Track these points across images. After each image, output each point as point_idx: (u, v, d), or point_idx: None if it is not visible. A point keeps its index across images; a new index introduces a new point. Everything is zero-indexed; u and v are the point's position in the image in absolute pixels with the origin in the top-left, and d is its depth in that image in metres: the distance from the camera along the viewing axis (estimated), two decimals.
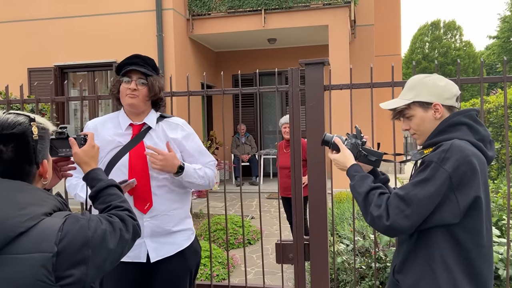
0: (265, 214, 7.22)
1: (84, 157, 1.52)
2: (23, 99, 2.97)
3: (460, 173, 1.40)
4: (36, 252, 1.07)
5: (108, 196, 1.41)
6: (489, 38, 34.19)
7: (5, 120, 1.16)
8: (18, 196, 1.12)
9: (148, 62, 1.99)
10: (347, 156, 1.68)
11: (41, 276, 1.06)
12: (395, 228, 1.43)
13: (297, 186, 2.71)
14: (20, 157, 1.17)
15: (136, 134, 1.98)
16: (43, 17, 8.21)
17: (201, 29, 8.64)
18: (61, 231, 1.11)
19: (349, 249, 3.55)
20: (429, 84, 1.57)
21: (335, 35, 8.13)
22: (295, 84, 2.66)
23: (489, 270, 1.50)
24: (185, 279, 1.99)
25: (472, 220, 1.44)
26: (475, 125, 1.52)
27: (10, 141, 1.15)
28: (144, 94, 1.97)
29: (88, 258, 1.12)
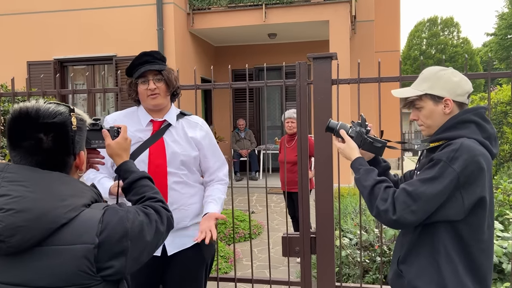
0: (265, 208, 7.25)
1: (117, 149, 1.51)
2: (29, 91, 2.96)
3: (468, 172, 1.42)
4: (78, 243, 1.07)
5: (142, 187, 1.41)
6: (487, 35, 34.26)
7: (46, 109, 1.16)
8: (59, 187, 1.12)
9: (156, 56, 1.97)
10: (352, 147, 1.69)
11: (83, 267, 1.07)
12: (401, 223, 1.46)
13: (304, 180, 2.72)
14: (59, 147, 1.16)
15: (156, 130, 1.98)
16: (43, 10, 8.15)
17: (201, 24, 8.61)
18: (102, 222, 1.11)
19: (352, 243, 3.57)
20: (444, 78, 1.58)
21: (335, 31, 8.12)
22: (303, 78, 2.66)
23: (488, 264, 1.53)
24: (201, 271, 2.01)
25: (476, 217, 1.47)
26: (483, 123, 1.53)
27: (50, 131, 1.14)
28: (164, 90, 1.97)
29: (127, 249, 1.13)
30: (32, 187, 1.08)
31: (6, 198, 1.05)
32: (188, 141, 2.02)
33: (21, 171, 1.11)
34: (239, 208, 6.88)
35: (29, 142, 1.13)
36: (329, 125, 1.77)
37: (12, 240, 1.03)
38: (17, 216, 1.04)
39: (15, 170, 1.11)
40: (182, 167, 1.97)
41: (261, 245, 5.42)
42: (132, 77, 1.97)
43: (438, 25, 36.15)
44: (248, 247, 5.31)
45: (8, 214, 1.04)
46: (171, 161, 1.96)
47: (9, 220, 1.03)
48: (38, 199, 1.07)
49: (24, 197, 1.06)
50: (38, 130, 1.13)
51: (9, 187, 1.07)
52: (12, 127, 1.15)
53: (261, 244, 5.44)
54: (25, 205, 1.05)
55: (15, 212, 1.04)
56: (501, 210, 4.22)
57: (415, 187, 1.45)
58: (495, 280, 2.94)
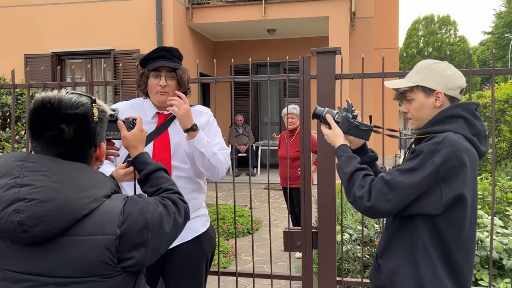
0: (263, 204, 7.25)
1: (133, 141, 1.50)
2: (29, 83, 2.93)
3: (448, 166, 1.39)
4: (100, 234, 1.07)
5: (158, 179, 1.40)
6: (484, 33, 34.36)
7: (68, 100, 1.15)
8: (80, 177, 1.11)
9: (174, 54, 1.94)
10: (338, 134, 1.68)
11: (104, 257, 1.07)
12: (375, 210, 1.44)
13: (306, 176, 2.72)
14: (81, 138, 1.15)
15: (161, 123, 1.97)
16: (41, 3, 8.09)
17: (200, 18, 8.57)
18: (123, 213, 1.11)
19: (352, 238, 3.58)
20: (437, 71, 1.55)
21: (335, 27, 8.11)
22: (306, 72, 2.66)
23: (467, 262, 1.50)
24: (202, 265, 2.00)
25: (454, 213, 1.44)
26: (472, 119, 1.50)
27: (72, 121, 1.13)
28: (174, 88, 1.94)
29: (148, 240, 1.13)
30: (55, 177, 1.08)
31: (30, 188, 1.05)
32: None
33: (43, 161, 1.11)
34: (237, 203, 6.89)
35: (51, 133, 1.12)
36: (316, 111, 1.76)
37: (35, 230, 1.03)
38: (40, 206, 1.03)
39: (38, 159, 1.11)
40: (186, 160, 1.95)
41: (260, 240, 5.43)
42: (145, 68, 1.95)
43: (435, 23, 36.19)
44: (246, 242, 5.31)
45: (31, 204, 1.03)
46: (175, 154, 1.94)
47: (32, 210, 1.03)
48: (61, 189, 1.06)
49: (47, 187, 1.06)
50: (60, 121, 1.12)
51: (32, 176, 1.07)
52: (34, 117, 1.14)
53: (260, 239, 5.44)
54: (48, 195, 1.05)
55: (38, 202, 1.03)
56: (499, 207, 4.25)
57: (393, 176, 1.43)
58: (495, 276, 2.96)
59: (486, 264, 2.99)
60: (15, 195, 1.04)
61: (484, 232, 3.09)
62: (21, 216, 1.02)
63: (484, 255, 2.99)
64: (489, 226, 3.07)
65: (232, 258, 4.70)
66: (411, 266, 1.48)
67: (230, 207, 5.94)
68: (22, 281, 1.07)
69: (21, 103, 4.80)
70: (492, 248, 2.44)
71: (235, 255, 3.01)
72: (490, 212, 3.58)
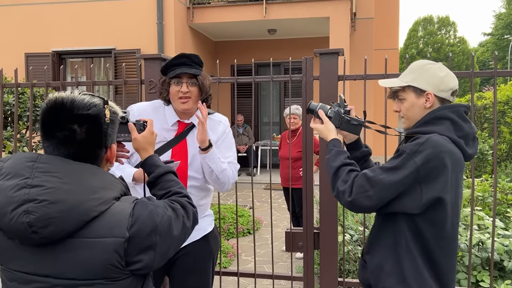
0: (263, 204, 7.25)
1: (143, 143, 1.49)
2: (32, 82, 2.94)
3: (429, 167, 1.41)
4: (108, 236, 1.07)
5: (167, 182, 1.40)
6: (484, 35, 34.40)
7: (81, 100, 1.14)
8: (90, 179, 1.11)
9: (195, 60, 1.94)
10: (330, 129, 1.69)
11: (113, 260, 1.07)
12: (356, 205, 1.48)
13: (308, 176, 2.72)
14: (92, 139, 1.15)
15: (180, 131, 1.97)
16: (42, 2, 8.08)
17: (201, 18, 8.57)
18: (132, 216, 1.11)
19: (354, 239, 3.58)
20: (429, 72, 1.57)
21: (336, 27, 8.11)
22: (309, 73, 2.66)
23: (448, 262, 1.52)
24: (209, 264, 2.02)
25: (434, 213, 1.46)
26: (459, 122, 1.51)
27: (84, 122, 1.13)
28: (196, 95, 1.94)
29: (156, 244, 1.12)
30: (65, 179, 1.07)
31: (40, 188, 1.05)
32: None
33: (53, 162, 1.11)
34: (238, 203, 6.88)
35: (63, 133, 1.12)
36: (310, 106, 1.77)
37: (45, 231, 1.03)
38: (51, 207, 1.03)
39: (48, 160, 1.11)
40: (200, 171, 1.97)
41: (260, 240, 5.43)
42: (166, 76, 1.95)
43: (435, 24, 36.21)
44: (246, 242, 5.31)
45: (41, 205, 1.03)
46: (192, 163, 1.95)
47: (43, 211, 1.03)
48: (71, 191, 1.06)
49: (58, 188, 1.05)
50: (72, 121, 1.12)
51: (43, 177, 1.06)
52: (46, 117, 1.13)
53: (260, 240, 5.45)
54: (59, 196, 1.05)
55: (49, 203, 1.03)
56: (499, 209, 4.26)
57: (375, 174, 1.46)
58: (496, 278, 2.96)
59: (487, 266, 3.00)
60: (25, 196, 1.04)
61: (485, 234, 3.10)
62: (31, 217, 1.02)
63: (485, 256, 3.00)
64: (491, 227, 3.09)
65: (232, 258, 4.70)
66: (395, 263, 1.51)
67: (230, 207, 5.94)
68: (30, 282, 1.07)
69: (22, 102, 4.80)
70: (493, 250, 2.45)
71: (236, 255, 3.01)
72: (490, 214, 3.59)
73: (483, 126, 9.41)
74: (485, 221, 3.19)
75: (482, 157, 7.45)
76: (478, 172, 7.37)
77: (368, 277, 1.60)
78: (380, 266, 1.55)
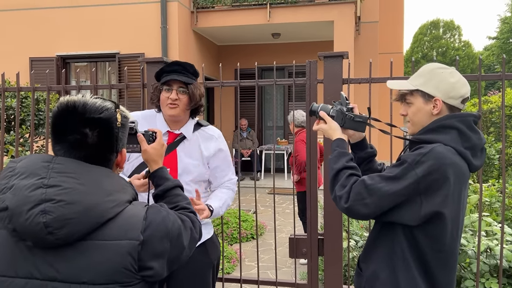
0: (267, 209, 7.20)
1: (154, 155, 1.47)
2: (34, 86, 2.92)
3: (430, 179, 1.36)
4: (123, 239, 1.05)
5: (175, 196, 1.39)
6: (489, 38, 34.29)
7: (93, 104, 1.13)
8: (105, 181, 1.10)
9: (188, 69, 1.94)
10: (334, 128, 1.64)
11: (127, 263, 1.05)
12: (352, 212, 1.44)
13: (312, 182, 2.68)
14: (104, 143, 1.14)
15: (170, 142, 1.96)
16: (47, 6, 8.12)
17: (205, 22, 8.57)
18: (146, 219, 1.10)
19: (359, 245, 3.53)
20: (439, 77, 1.50)
21: (340, 31, 8.09)
22: (313, 77, 2.62)
23: (446, 275, 1.47)
24: (208, 273, 1.98)
25: (433, 227, 1.41)
26: (467, 132, 1.44)
27: (96, 126, 1.12)
28: (185, 103, 1.93)
29: (167, 251, 1.11)
30: (81, 180, 1.06)
31: (57, 189, 1.03)
32: (201, 158, 2.00)
33: (69, 163, 1.09)
34: (241, 208, 6.84)
35: (74, 137, 1.11)
36: (312, 108, 1.72)
37: (61, 232, 1.01)
38: (68, 208, 1.02)
39: (63, 161, 1.10)
40: (190, 183, 1.95)
41: (264, 245, 5.38)
42: (159, 81, 1.96)
43: (440, 28, 36.14)
44: (250, 247, 5.26)
45: (58, 205, 1.01)
46: (182, 175, 1.94)
47: (60, 212, 1.01)
48: (87, 192, 1.05)
49: (74, 189, 1.04)
50: (84, 125, 1.11)
51: (59, 178, 1.05)
52: (58, 120, 1.12)
53: (264, 245, 5.40)
54: (75, 197, 1.03)
55: (66, 204, 1.02)
56: (506, 215, 4.19)
57: (374, 182, 1.41)
58: (505, 285, 2.90)
59: (495, 273, 2.94)
60: (42, 196, 1.02)
61: (493, 240, 3.04)
62: (47, 217, 1.00)
63: (493, 263, 2.94)
64: (499, 233, 3.03)
65: (235, 264, 4.66)
66: (390, 273, 1.47)
67: (234, 212, 5.89)
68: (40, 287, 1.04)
69: (25, 106, 4.79)
70: (502, 257, 2.40)
71: (239, 261, 2.97)
72: (498, 219, 3.53)
73: (489, 130, 9.33)
74: (493, 227, 3.13)
75: (488, 161, 7.38)
76: (485, 177, 7.30)
77: (363, 285, 1.57)
78: (376, 275, 1.51)
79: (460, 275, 2.99)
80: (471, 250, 2.90)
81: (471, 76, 2.53)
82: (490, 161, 7.27)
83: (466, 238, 3.05)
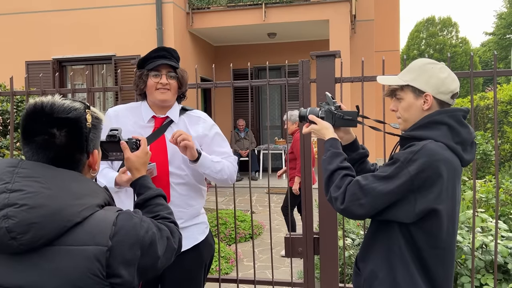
0: (265, 209, 7.21)
1: (136, 163, 1.46)
2: (28, 90, 2.92)
3: (423, 177, 1.37)
4: (91, 244, 1.03)
5: (157, 205, 1.37)
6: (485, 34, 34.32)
7: (61, 104, 1.13)
8: (73, 185, 1.08)
9: (173, 54, 1.93)
10: (326, 127, 1.63)
11: (94, 269, 1.03)
12: (348, 213, 1.45)
13: (307, 181, 2.69)
14: (72, 143, 1.13)
15: (157, 127, 1.93)
16: (42, 10, 8.11)
17: (200, 23, 8.58)
18: (115, 225, 1.07)
19: (355, 243, 3.54)
20: (429, 72, 1.50)
21: (335, 30, 8.09)
22: (306, 76, 2.63)
23: (443, 271, 1.48)
24: (200, 273, 1.97)
25: (428, 223, 1.42)
26: (457, 127, 1.45)
27: (64, 126, 1.11)
28: (175, 87, 1.93)
29: (137, 259, 1.09)
30: (46, 184, 1.04)
31: (20, 193, 1.01)
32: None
33: (35, 167, 1.08)
34: (239, 208, 6.85)
35: (42, 137, 1.10)
36: (300, 114, 1.72)
37: (24, 237, 0.99)
38: (31, 212, 0.99)
39: (29, 166, 1.08)
40: (183, 167, 1.92)
41: (262, 245, 5.39)
42: (143, 68, 1.93)
43: (437, 25, 36.16)
44: (248, 247, 5.27)
45: (21, 209, 0.99)
46: (172, 160, 1.90)
47: (23, 216, 0.99)
48: (53, 196, 1.03)
49: (39, 192, 1.02)
50: (51, 125, 1.10)
51: (23, 182, 1.03)
52: (26, 121, 1.12)
53: (262, 245, 5.41)
54: (40, 201, 1.01)
55: (29, 208, 1.00)
56: (503, 210, 4.20)
57: (368, 182, 1.41)
58: (500, 281, 2.91)
59: (491, 269, 2.95)
60: (5, 201, 1.00)
61: (488, 236, 3.05)
62: (10, 222, 0.98)
63: (489, 259, 2.95)
64: (494, 230, 3.04)
65: (234, 264, 4.66)
66: (389, 271, 1.47)
67: (232, 212, 5.90)
68: None
69: (21, 110, 4.79)
70: (496, 252, 2.41)
71: (230, 261, 2.97)
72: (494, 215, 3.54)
73: (486, 126, 9.34)
74: (488, 223, 3.14)
75: (485, 157, 7.39)
76: (482, 173, 7.31)
77: (362, 285, 1.57)
78: (374, 274, 1.51)
79: (456, 272, 3.00)
80: (466, 246, 2.91)
81: (464, 73, 2.54)
82: (487, 157, 7.28)
83: (461, 234, 3.07)
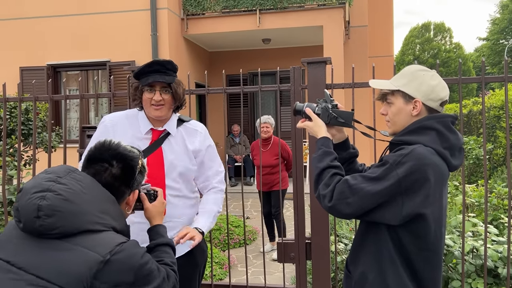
0: (259, 214, 7.21)
1: (154, 213, 1.61)
2: (20, 97, 2.93)
3: (412, 180, 1.39)
4: (92, 250, 1.15)
5: (164, 252, 1.50)
6: (479, 39, 34.58)
7: (125, 146, 1.42)
8: (105, 203, 1.27)
9: (168, 67, 1.90)
10: (320, 125, 1.66)
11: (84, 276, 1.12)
12: (335, 211, 1.47)
13: (299, 185, 2.70)
14: (123, 177, 1.36)
15: (155, 139, 1.94)
16: (36, 16, 8.12)
17: (195, 29, 8.60)
18: (121, 246, 1.20)
19: (348, 248, 3.55)
20: (420, 79, 1.53)
21: (329, 36, 8.15)
22: (297, 82, 2.66)
23: (432, 273, 1.50)
24: (194, 277, 1.99)
25: (417, 226, 1.44)
26: (445, 133, 1.48)
27: (122, 161, 1.37)
28: (169, 102, 1.93)
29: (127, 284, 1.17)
30: (86, 190, 1.25)
31: (64, 186, 1.21)
32: (187, 152, 1.98)
33: (86, 178, 1.29)
34: (233, 213, 6.85)
35: (102, 165, 1.34)
36: (296, 108, 1.73)
37: (47, 220, 1.15)
38: (62, 202, 1.18)
39: (83, 175, 1.30)
40: (178, 180, 1.94)
41: (256, 251, 5.39)
42: (139, 81, 1.92)
43: (431, 31, 36.43)
44: (243, 253, 5.27)
45: (56, 197, 1.18)
46: (169, 173, 1.93)
47: (55, 202, 1.17)
48: (84, 200, 1.21)
49: (77, 192, 1.22)
50: (113, 157, 1.36)
51: (71, 181, 1.24)
52: (93, 152, 1.37)
53: (256, 250, 5.40)
54: (73, 197, 1.20)
55: (62, 198, 1.18)
56: (495, 214, 4.23)
57: (357, 182, 1.44)
58: (490, 285, 2.93)
59: (481, 273, 2.97)
60: (50, 186, 1.20)
61: (479, 241, 3.07)
62: (43, 202, 1.16)
63: (479, 263, 2.97)
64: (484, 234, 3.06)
65: (228, 270, 4.66)
66: (378, 273, 1.49)
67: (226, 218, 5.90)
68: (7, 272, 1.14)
69: (15, 116, 4.79)
70: (486, 257, 2.43)
71: (224, 266, 2.98)
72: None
73: (479, 131, 9.41)
74: (479, 227, 3.16)
75: (478, 162, 7.44)
76: (475, 177, 7.35)
77: (353, 287, 1.58)
78: (364, 276, 1.53)
79: (448, 276, 3.02)
80: (457, 250, 2.93)
81: (452, 79, 2.57)
82: (480, 161, 7.33)
83: (453, 239, 3.09)
